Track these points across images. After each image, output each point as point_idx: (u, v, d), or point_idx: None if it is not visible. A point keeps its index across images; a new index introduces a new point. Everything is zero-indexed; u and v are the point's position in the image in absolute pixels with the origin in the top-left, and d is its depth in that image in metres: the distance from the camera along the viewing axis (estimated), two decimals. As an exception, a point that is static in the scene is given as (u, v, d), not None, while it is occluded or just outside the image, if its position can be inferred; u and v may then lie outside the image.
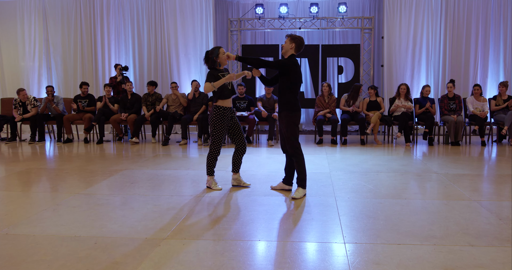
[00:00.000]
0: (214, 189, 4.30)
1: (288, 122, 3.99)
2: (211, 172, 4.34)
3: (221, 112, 4.14)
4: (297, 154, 4.01)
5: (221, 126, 4.16)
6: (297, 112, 4.03)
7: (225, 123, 4.18)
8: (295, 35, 4.08)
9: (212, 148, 4.24)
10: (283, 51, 4.10)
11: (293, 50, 4.03)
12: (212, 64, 4.20)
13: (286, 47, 4.05)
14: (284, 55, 4.10)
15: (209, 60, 4.18)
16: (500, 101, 7.70)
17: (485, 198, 4.01)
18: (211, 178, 4.35)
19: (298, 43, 4.04)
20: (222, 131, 4.18)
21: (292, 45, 4.02)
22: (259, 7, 9.00)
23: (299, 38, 4.05)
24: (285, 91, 4.00)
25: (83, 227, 3.19)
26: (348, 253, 2.68)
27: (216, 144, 4.21)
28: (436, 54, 8.96)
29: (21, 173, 5.24)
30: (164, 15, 9.38)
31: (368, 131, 7.53)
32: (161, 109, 7.99)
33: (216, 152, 4.26)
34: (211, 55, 4.17)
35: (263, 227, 3.21)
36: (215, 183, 4.36)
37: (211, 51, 4.19)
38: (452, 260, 2.56)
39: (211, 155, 4.27)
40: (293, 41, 4.02)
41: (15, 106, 8.20)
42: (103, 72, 9.62)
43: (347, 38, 9.79)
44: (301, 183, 4.07)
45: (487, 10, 8.78)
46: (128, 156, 6.51)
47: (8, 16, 9.76)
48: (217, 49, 4.18)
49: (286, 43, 4.05)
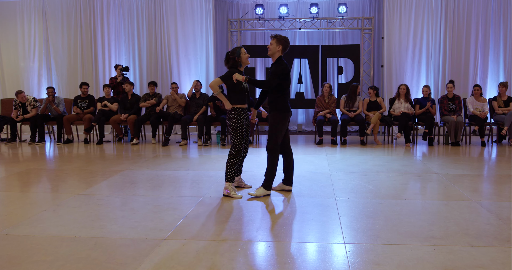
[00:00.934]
0: (234, 197, 4.01)
1: (275, 122, 3.99)
2: (231, 178, 4.05)
3: (240, 114, 4.05)
4: (274, 151, 4.01)
5: (242, 127, 4.05)
6: (287, 113, 4.04)
7: (244, 124, 4.09)
8: (281, 36, 4.03)
9: (235, 152, 4.04)
10: (269, 53, 4.05)
11: (280, 52, 4.02)
12: (233, 65, 4.09)
13: (273, 49, 4.01)
14: (271, 56, 4.06)
15: (230, 60, 4.07)
16: (500, 102, 7.70)
17: (485, 198, 4.01)
18: (230, 184, 4.06)
19: (285, 45, 4.02)
20: (243, 133, 4.06)
21: (279, 47, 4.00)
22: (259, 7, 9.00)
23: (286, 40, 4.03)
24: (276, 93, 3.99)
25: (83, 228, 3.19)
26: (348, 254, 2.68)
27: (239, 146, 4.04)
28: (436, 55, 8.97)
29: (21, 174, 5.24)
30: (164, 15, 9.38)
31: (368, 131, 7.52)
32: (161, 110, 7.99)
33: (240, 155, 4.08)
34: (232, 55, 4.06)
35: (263, 228, 3.21)
36: (235, 190, 4.09)
37: (232, 51, 4.08)
38: (452, 261, 2.56)
39: (234, 159, 4.04)
40: (279, 43, 4.00)
41: (15, 107, 8.21)
42: (103, 72, 9.63)
43: (347, 38, 9.79)
44: (265, 184, 4.06)
45: (487, 10, 8.79)
46: (128, 157, 6.51)
47: (8, 17, 9.77)
48: (238, 49, 4.09)
49: (272, 45, 4.01)
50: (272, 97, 4.03)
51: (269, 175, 4.06)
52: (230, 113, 4.07)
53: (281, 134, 4.03)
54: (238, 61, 4.08)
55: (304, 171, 5.26)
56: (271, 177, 4.07)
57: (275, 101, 4.02)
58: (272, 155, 4.02)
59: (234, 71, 4.01)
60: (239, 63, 4.09)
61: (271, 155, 4.03)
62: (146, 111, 8.10)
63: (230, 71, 4.03)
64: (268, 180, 4.07)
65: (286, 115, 4.04)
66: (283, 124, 4.03)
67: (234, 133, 4.06)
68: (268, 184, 4.07)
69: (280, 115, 4.01)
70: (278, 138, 4.01)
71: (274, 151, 4.01)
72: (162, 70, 9.52)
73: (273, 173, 4.06)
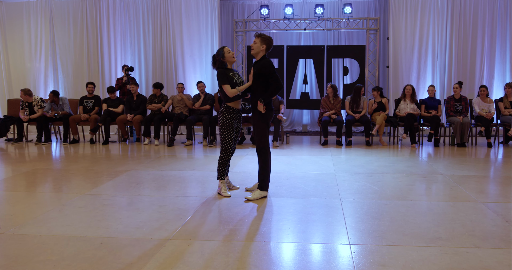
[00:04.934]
0: (224, 195, 4.12)
1: (259, 121, 3.99)
2: (222, 176, 4.16)
3: (230, 113, 4.07)
4: (264, 150, 4.01)
5: (231, 127, 4.08)
6: (271, 112, 4.04)
7: (234, 124, 4.12)
8: (266, 36, 4.02)
9: (223, 150, 4.09)
10: (253, 52, 4.03)
11: (263, 51, 4.01)
12: (220, 65, 4.13)
13: (256, 48, 3.99)
14: (255, 56, 4.05)
15: (217, 62, 4.12)
16: (507, 103, 7.65)
17: (492, 199, 3.99)
18: (222, 182, 4.17)
19: (269, 45, 4.01)
20: (231, 133, 4.09)
21: (263, 46, 3.98)
22: (264, 8, 9.01)
23: (270, 39, 4.02)
24: (261, 92, 3.97)
25: (89, 228, 3.21)
26: (353, 255, 2.67)
27: (227, 145, 4.08)
28: (442, 55, 8.92)
29: (27, 174, 5.27)
30: (169, 16, 9.41)
31: (374, 132, 7.50)
32: (166, 110, 8.01)
33: (228, 154, 4.10)
34: (217, 57, 4.12)
35: (269, 228, 3.21)
36: (225, 188, 4.17)
37: (217, 53, 4.14)
38: (458, 262, 2.55)
39: (222, 157, 4.10)
40: (264, 42, 3.98)
41: (22, 107, 8.26)
42: (109, 73, 9.67)
43: (352, 39, 9.77)
44: (261, 184, 4.05)
45: (494, 11, 8.74)
46: (133, 157, 6.54)
47: (15, 18, 9.84)
48: (221, 50, 4.13)
49: (256, 44, 3.99)
50: (257, 97, 3.98)
51: (264, 175, 4.04)
52: (222, 111, 4.09)
53: (267, 133, 4.03)
54: (223, 62, 4.12)
55: (309, 171, 5.25)
56: (266, 177, 4.05)
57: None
58: (263, 155, 4.02)
59: (222, 71, 4.06)
60: (225, 63, 4.13)
61: (262, 155, 4.02)
62: (152, 112, 8.14)
63: (219, 72, 4.06)
64: (263, 180, 4.04)
65: (270, 114, 4.04)
66: (268, 124, 4.03)
67: (222, 132, 4.09)
68: (264, 184, 4.05)
69: (262, 114, 3.99)
70: (266, 137, 4.01)
71: (265, 150, 4.01)
72: (167, 70, 9.55)
73: (267, 172, 4.04)
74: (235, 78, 4.09)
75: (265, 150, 4.02)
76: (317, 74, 9.13)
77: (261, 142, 4.00)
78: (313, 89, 9.58)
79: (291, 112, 10.08)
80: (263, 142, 4.01)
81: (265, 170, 4.03)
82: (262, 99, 3.92)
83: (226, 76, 4.04)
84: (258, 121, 4.01)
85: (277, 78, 3.95)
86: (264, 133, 4.01)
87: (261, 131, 4.01)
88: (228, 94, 4.01)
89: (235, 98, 4.07)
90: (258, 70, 3.96)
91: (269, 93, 3.94)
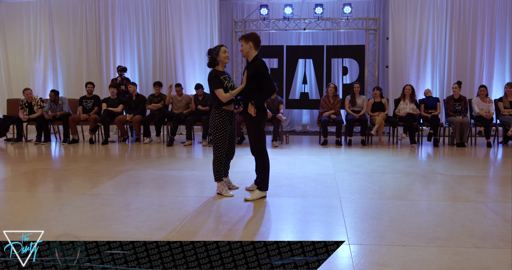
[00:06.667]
0: (226, 195, 4.09)
1: (253, 125, 3.95)
2: (219, 178, 4.12)
3: (223, 115, 4.03)
4: (261, 154, 3.99)
5: (223, 129, 4.03)
6: (263, 113, 3.99)
7: (227, 126, 4.07)
8: (247, 34, 3.94)
9: (216, 152, 4.05)
10: (244, 54, 3.96)
11: (253, 49, 3.90)
12: (211, 62, 4.05)
13: (245, 49, 3.90)
14: (248, 57, 3.96)
15: (209, 58, 4.05)
16: (506, 102, 7.65)
17: (491, 199, 3.99)
18: (221, 183, 4.14)
19: (254, 40, 3.89)
20: (224, 134, 4.04)
21: (249, 44, 3.88)
22: (264, 8, 9.00)
23: (253, 34, 3.92)
24: (253, 93, 3.91)
25: (88, 227, 3.20)
26: (352, 255, 2.68)
27: (220, 147, 4.04)
28: (441, 55, 8.93)
29: (27, 173, 5.27)
30: (169, 16, 9.41)
31: (373, 132, 7.50)
32: (165, 110, 8.00)
33: (221, 155, 4.06)
34: (211, 53, 4.02)
35: (268, 228, 3.21)
36: (226, 189, 4.16)
37: (213, 49, 4.05)
38: (458, 262, 2.55)
39: (215, 159, 4.07)
40: (248, 39, 3.88)
41: (21, 106, 8.25)
42: (108, 73, 9.66)
43: (352, 39, 9.77)
44: (260, 185, 4.03)
45: (493, 11, 8.74)
46: (133, 157, 6.54)
47: (15, 17, 9.84)
48: (218, 47, 4.02)
49: (243, 46, 3.91)
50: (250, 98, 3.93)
51: (263, 176, 4.02)
52: (214, 114, 4.03)
53: (263, 136, 4.00)
54: (216, 60, 4.03)
55: (309, 171, 5.25)
56: (266, 178, 4.02)
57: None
58: (261, 158, 4.00)
59: (214, 74, 3.99)
60: (217, 61, 4.04)
61: (261, 157, 4.00)
62: (151, 112, 8.14)
63: (211, 76, 4.00)
64: (262, 181, 4.03)
65: (263, 116, 3.99)
66: (261, 125, 3.98)
67: (214, 134, 4.03)
68: (263, 184, 4.03)
69: (258, 116, 3.94)
70: (262, 140, 3.98)
71: (262, 154, 3.99)
72: (167, 70, 9.54)
73: (266, 174, 4.01)
74: (225, 82, 4.00)
75: (263, 154, 4.00)
76: (317, 74, 9.13)
77: (257, 146, 3.98)
78: (313, 89, 9.58)
79: (290, 112, 10.08)
80: (259, 146, 3.97)
81: (264, 171, 4.03)
82: (253, 102, 3.84)
83: (218, 80, 3.97)
84: (252, 125, 3.96)
85: (270, 80, 3.86)
86: (260, 137, 3.97)
87: (257, 134, 3.96)
88: (222, 99, 3.95)
89: (227, 103, 4.02)
90: (251, 72, 3.88)
91: (261, 97, 3.86)
